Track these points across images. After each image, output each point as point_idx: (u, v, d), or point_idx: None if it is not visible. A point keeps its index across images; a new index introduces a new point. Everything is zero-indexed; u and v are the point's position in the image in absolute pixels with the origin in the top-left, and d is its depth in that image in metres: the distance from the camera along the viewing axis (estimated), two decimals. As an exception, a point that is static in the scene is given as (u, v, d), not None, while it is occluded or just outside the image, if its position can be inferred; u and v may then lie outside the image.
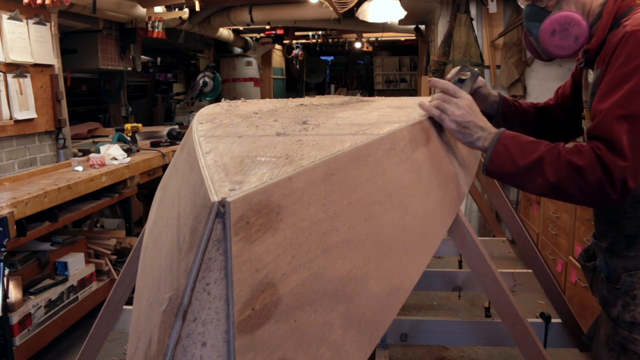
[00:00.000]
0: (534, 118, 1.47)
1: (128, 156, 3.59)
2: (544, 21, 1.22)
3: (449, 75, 1.34)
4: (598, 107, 1.10)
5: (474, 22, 4.61)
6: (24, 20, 3.29)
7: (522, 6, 1.33)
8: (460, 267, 2.76)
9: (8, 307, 2.42)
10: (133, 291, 0.84)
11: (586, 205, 1.23)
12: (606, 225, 1.29)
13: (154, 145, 4.33)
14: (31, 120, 3.39)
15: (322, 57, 12.77)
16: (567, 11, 1.21)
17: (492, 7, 4.42)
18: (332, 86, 12.62)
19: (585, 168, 1.04)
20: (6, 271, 2.37)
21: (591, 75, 1.25)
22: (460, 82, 1.31)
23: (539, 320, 1.68)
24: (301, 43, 9.57)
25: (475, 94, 1.37)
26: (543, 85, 4.49)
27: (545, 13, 1.24)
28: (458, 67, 1.36)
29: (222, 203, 0.48)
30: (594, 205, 1.25)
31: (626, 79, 1.06)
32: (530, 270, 1.89)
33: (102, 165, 3.33)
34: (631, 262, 1.20)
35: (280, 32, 7.96)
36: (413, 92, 11.00)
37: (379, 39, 9.20)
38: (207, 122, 0.97)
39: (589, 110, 1.25)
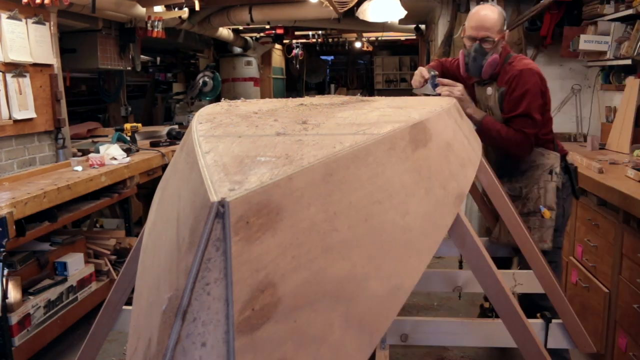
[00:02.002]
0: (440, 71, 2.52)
1: (127, 156, 3.59)
2: (489, 58, 2.20)
3: (425, 76, 2.37)
4: (514, 110, 2.18)
5: (474, 22, 4.60)
6: (23, 20, 3.29)
7: (468, 42, 2.25)
8: (460, 267, 2.75)
9: (7, 308, 2.41)
10: (132, 291, 0.84)
11: (516, 152, 2.25)
12: (508, 167, 2.34)
13: (154, 145, 4.33)
14: (30, 120, 3.39)
15: (322, 57, 12.77)
16: (496, 55, 2.21)
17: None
18: (332, 86, 12.61)
19: (517, 137, 2.19)
20: (5, 271, 2.37)
21: (490, 90, 2.30)
22: (434, 76, 2.31)
23: (539, 320, 1.68)
24: (301, 43, 9.57)
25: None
26: (543, 85, 4.49)
27: (485, 52, 2.21)
28: (425, 69, 2.40)
29: (222, 203, 0.48)
30: (519, 153, 2.25)
31: (523, 97, 2.16)
32: (531, 270, 1.89)
33: (102, 165, 3.32)
34: (524, 182, 2.29)
35: (280, 31, 7.97)
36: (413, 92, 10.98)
37: (379, 38, 9.21)
38: (206, 121, 0.97)
39: (490, 110, 2.32)
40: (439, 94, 2.21)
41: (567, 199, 2.31)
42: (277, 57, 10.20)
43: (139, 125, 4.28)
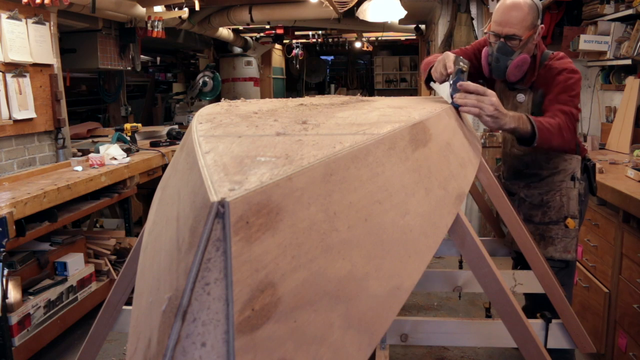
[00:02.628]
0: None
1: (127, 156, 3.59)
2: (515, 58, 1.91)
3: (449, 70, 1.66)
4: (555, 102, 1.90)
5: (475, 22, 4.61)
6: (23, 20, 3.29)
7: (493, 39, 1.95)
8: (460, 267, 2.75)
9: (7, 308, 2.41)
10: (132, 291, 0.84)
11: (567, 147, 1.97)
12: (525, 173, 2.16)
13: (154, 145, 4.33)
14: (30, 120, 3.39)
15: (322, 57, 12.77)
16: (525, 55, 1.92)
17: (493, 7, 4.41)
18: (332, 86, 12.62)
19: (568, 123, 1.88)
20: (5, 271, 2.37)
21: (522, 97, 2.05)
22: (461, 72, 1.59)
23: (539, 320, 1.68)
24: (301, 43, 9.57)
25: None
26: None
27: (511, 51, 1.91)
28: (452, 57, 1.67)
29: (222, 203, 0.48)
30: (571, 141, 1.96)
31: (565, 90, 1.90)
32: (530, 270, 1.89)
33: (102, 165, 3.32)
34: (544, 189, 2.11)
35: (280, 31, 7.96)
36: (413, 91, 11.02)
37: (379, 38, 9.21)
38: (206, 121, 0.97)
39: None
40: (455, 105, 1.55)
41: (584, 201, 2.18)
42: (277, 57, 10.20)
43: (139, 125, 4.28)
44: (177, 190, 0.68)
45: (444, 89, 1.90)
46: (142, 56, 5.74)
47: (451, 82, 1.58)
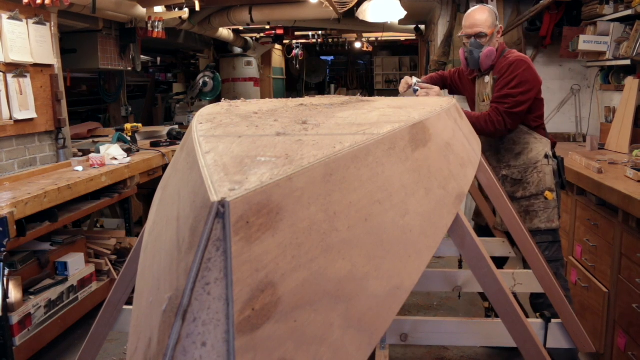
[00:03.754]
0: (440, 83, 2.93)
1: (128, 156, 3.60)
2: (485, 50, 2.47)
3: (409, 82, 2.74)
4: (500, 92, 2.40)
5: (474, 22, 4.60)
6: (24, 20, 3.29)
7: (466, 40, 2.54)
8: (460, 267, 2.75)
9: (8, 307, 2.42)
10: (133, 291, 0.84)
11: (490, 134, 2.45)
12: (503, 153, 2.52)
13: (154, 145, 4.33)
14: (31, 120, 3.39)
15: (322, 57, 12.76)
16: (491, 47, 2.48)
17: (492, 7, 4.41)
18: (332, 86, 12.61)
19: (494, 121, 2.40)
20: (6, 271, 2.37)
21: (487, 79, 2.55)
22: (417, 82, 2.70)
23: (539, 320, 1.68)
24: (301, 43, 9.56)
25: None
26: (543, 84, 4.49)
27: (481, 46, 2.48)
28: (409, 78, 2.79)
29: (222, 203, 0.48)
30: (491, 130, 2.41)
31: (510, 81, 2.39)
32: (530, 270, 1.89)
33: (102, 165, 3.33)
34: (521, 166, 2.49)
35: (280, 32, 7.96)
36: (413, 92, 10.96)
37: (379, 39, 9.20)
38: (207, 122, 0.97)
39: (487, 96, 2.56)
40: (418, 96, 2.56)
41: (558, 183, 2.50)
42: (277, 57, 10.20)
43: (140, 125, 4.28)
44: (178, 190, 0.68)
45: (407, 95, 2.70)
46: (142, 56, 5.74)
47: (413, 88, 2.67)
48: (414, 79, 2.73)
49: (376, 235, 0.73)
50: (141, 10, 4.64)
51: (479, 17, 2.49)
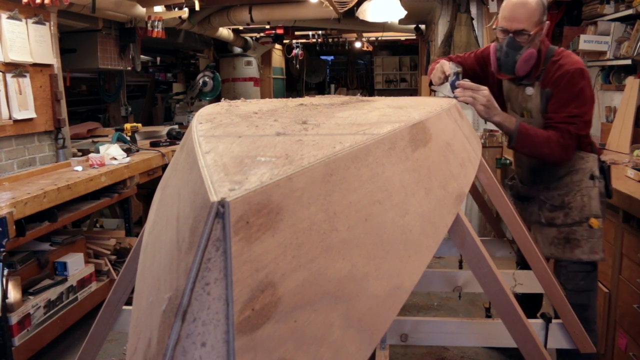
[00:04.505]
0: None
1: (127, 156, 3.59)
2: (524, 53, 1.95)
3: (447, 72, 2.05)
4: (560, 111, 1.96)
5: (475, 22, 4.61)
6: (23, 20, 3.29)
7: (501, 35, 1.99)
8: (460, 267, 2.75)
9: (7, 308, 2.41)
10: (133, 291, 0.84)
11: (559, 156, 1.99)
12: (543, 174, 2.14)
13: (154, 145, 4.33)
14: (30, 120, 3.39)
15: (322, 57, 12.77)
16: (532, 49, 1.95)
17: (493, 7, 4.42)
18: (332, 86, 12.62)
19: (562, 139, 1.95)
20: (5, 271, 2.37)
21: (530, 90, 2.05)
22: (457, 74, 2.02)
23: (539, 320, 1.68)
24: (301, 43, 9.57)
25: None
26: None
27: (519, 46, 1.95)
28: (447, 64, 2.07)
29: (222, 203, 0.48)
30: (562, 157, 2.00)
31: (572, 99, 1.94)
32: (531, 270, 1.89)
33: (102, 165, 3.32)
34: (564, 190, 2.08)
35: (280, 31, 7.97)
36: (413, 91, 11.01)
37: (379, 38, 9.21)
38: (206, 121, 0.97)
39: (528, 112, 2.09)
40: (457, 97, 1.91)
41: (603, 202, 2.11)
42: (277, 57, 10.20)
43: (139, 125, 4.28)
44: (177, 190, 0.68)
45: (443, 90, 2.09)
46: (142, 56, 5.74)
47: (450, 82, 1.98)
48: (452, 67, 2.04)
49: (376, 235, 0.73)
50: (141, 10, 4.64)
51: (523, 11, 1.92)
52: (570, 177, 2.06)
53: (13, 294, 2.47)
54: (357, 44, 9.49)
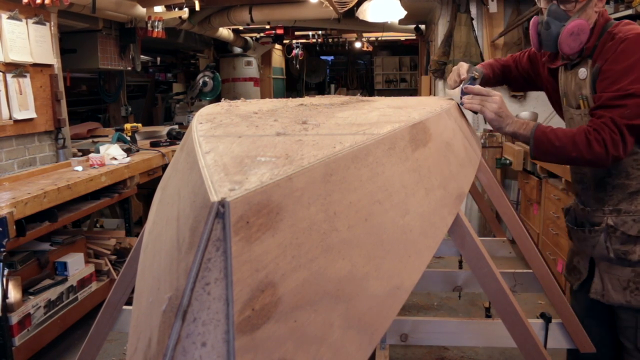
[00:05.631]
0: (501, 76, 1.95)
1: (128, 156, 3.59)
2: (569, 23, 1.53)
3: (462, 76, 1.75)
4: (612, 90, 1.45)
5: (475, 22, 4.61)
6: (24, 20, 3.29)
7: (542, 5, 1.61)
8: (460, 267, 2.76)
9: (7, 308, 2.42)
10: (133, 291, 0.84)
11: (599, 158, 1.47)
12: (610, 191, 1.60)
13: (154, 145, 4.33)
14: (31, 120, 3.39)
15: (322, 57, 12.77)
16: (582, 20, 1.53)
17: (493, 7, 4.42)
18: (332, 86, 12.62)
19: (598, 134, 1.44)
20: (6, 271, 2.37)
21: (583, 72, 1.59)
22: (474, 80, 1.72)
23: (539, 320, 1.68)
24: (301, 43, 9.57)
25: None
26: (543, 85, 4.50)
27: (565, 16, 1.55)
28: (465, 67, 1.78)
29: (222, 203, 0.48)
30: (604, 159, 1.46)
31: (626, 72, 1.44)
32: (531, 270, 1.89)
33: (102, 165, 3.32)
34: (633, 217, 1.54)
35: (280, 31, 7.97)
36: (413, 91, 11.01)
37: (379, 38, 9.20)
38: (206, 122, 0.97)
39: (585, 100, 1.61)
40: (462, 104, 1.66)
41: None
42: (277, 57, 10.20)
43: (139, 125, 4.28)
44: (178, 190, 0.68)
45: (456, 94, 1.82)
46: (142, 56, 5.74)
47: (462, 87, 1.69)
48: (473, 72, 1.75)
49: (376, 235, 0.73)
50: (141, 10, 4.64)
51: None
52: None
53: (13, 294, 2.47)
54: (357, 44, 9.48)
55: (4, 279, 2.35)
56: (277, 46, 9.92)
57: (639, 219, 1.53)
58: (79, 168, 3.24)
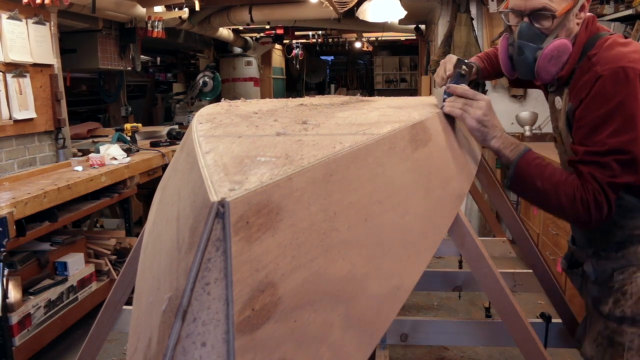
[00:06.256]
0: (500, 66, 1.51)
1: (128, 156, 3.59)
2: (547, 46, 1.27)
3: (447, 72, 1.42)
4: (586, 142, 1.23)
5: (475, 22, 4.61)
6: (24, 20, 3.29)
7: (512, 22, 1.33)
8: (460, 267, 2.76)
9: (7, 307, 2.42)
10: (133, 291, 0.84)
11: (576, 222, 1.33)
12: (596, 235, 1.39)
13: (154, 145, 4.33)
14: (31, 120, 3.39)
15: (322, 57, 12.77)
16: (562, 39, 1.27)
17: (493, 7, 4.41)
18: (332, 86, 12.62)
19: (587, 201, 1.21)
20: (6, 271, 2.37)
21: (559, 102, 1.38)
22: (461, 77, 1.39)
23: (539, 320, 1.68)
24: (301, 43, 9.57)
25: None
26: (543, 85, 4.49)
27: (541, 36, 1.28)
28: (453, 60, 1.43)
29: (222, 203, 0.48)
30: (584, 221, 1.25)
31: (604, 121, 1.19)
32: (531, 270, 1.89)
33: (102, 165, 3.32)
34: (620, 262, 1.33)
35: (280, 31, 7.97)
36: (413, 91, 11.01)
37: (379, 38, 9.20)
38: (206, 122, 0.97)
39: (559, 135, 1.41)
40: (442, 108, 1.34)
41: None
42: (277, 57, 10.20)
43: (139, 125, 4.28)
44: (177, 190, 0.68)
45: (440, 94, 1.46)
46: (142, 56, 5.74)
47: (445, 86, 1.38)
48: (461, 66, 1.41)
49: (376, 235, 0.73)
50: (141, 10, 4.64)
51: None
52: (634, 247, 1.30)
53: (13, 294, 2.47)
54: (357, 44, 9.48)
55: (4, 279, 2.35)
56: (277, 46, 9.92)
57: (617, 269, 1.32)
58: (79, 168, 3.23)
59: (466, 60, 1.42)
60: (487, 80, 1.53)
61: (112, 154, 3.45)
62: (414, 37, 7.92)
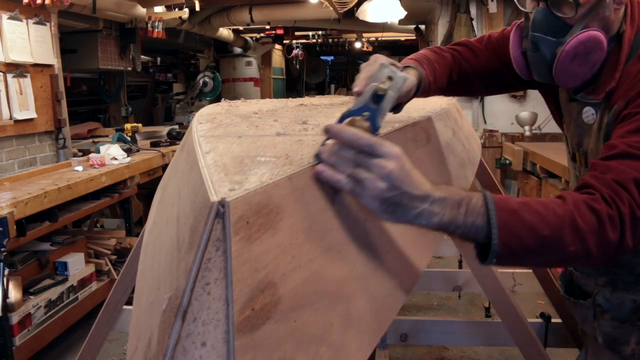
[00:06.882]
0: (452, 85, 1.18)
1: (128, 156, 3.59)
2: (569, 41, 0.94)
3: (357, 88, 0.85)
4: (628, 139, 0.86)
5: (474, 22, 4.61)
6: (24, 20, 3.29)
7: (528, 8, 1.02)
8: (460, 267, 2.75)
9: (8, 307, 2.42)
10: (133, 291, 0.84)
11: (615, 253, 0.81)
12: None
13: (154, 145, 4.33)
14: (31, 120, 3.39)
15: (322, 57, 12.77)
16: (593, 30, 0.94)
17: (492, 7, 4.42)
18: (332, 86, 12.62)
19: (597, 215, 0.78)
20: (6, 271, 2.37)
21: (592, 116, 1.03)
22: (376, 100, 0.80)
23: (539, 320, 1.68)
24: (301, 43, 9.57)
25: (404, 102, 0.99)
26: (543, 85, 4.49)
27: (565, 28, 0.96)
28: (374, 66, 0.88)
29: (222, 203, 0.48)
30: (633, 249, 0.82)
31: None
32: (531, 270, 1.89)
33: (102, 165, 3.32)
34: (625, 306, 1.07)
35: (280, 32, 7.97)
36: (413, 92, 10.97)
37: (379, 39, 9.20)
38: (207, 122, 0.97)
39: (582, 155, 1.10)
40: (319, 172, 0.67)
41: None
42: (277, 57, 10.20)
43: (140, 125, 4.28)
44: (178, 190, 0.68)
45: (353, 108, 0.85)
46: (142, 56, 5.74)
47: (346, 114, 0.80)
48: (372, 77, 0.84)
49: (376, 235, 0.73)
50: (141, 10, 4.64)
51: None
52: None
53: (14, 294, 2.47)
54: (357, 44, 9.48)
55: (5, 279, 2.35)
56: (277, 46, 9.91)
57: (630, 310, 1.07)
58: (79, 168, 3.23)
59: (395, 68, 0.87)
60: (428, 97, 1.12)
61: (112, 154, 3.45)
62: (414, 38, 7.92)
